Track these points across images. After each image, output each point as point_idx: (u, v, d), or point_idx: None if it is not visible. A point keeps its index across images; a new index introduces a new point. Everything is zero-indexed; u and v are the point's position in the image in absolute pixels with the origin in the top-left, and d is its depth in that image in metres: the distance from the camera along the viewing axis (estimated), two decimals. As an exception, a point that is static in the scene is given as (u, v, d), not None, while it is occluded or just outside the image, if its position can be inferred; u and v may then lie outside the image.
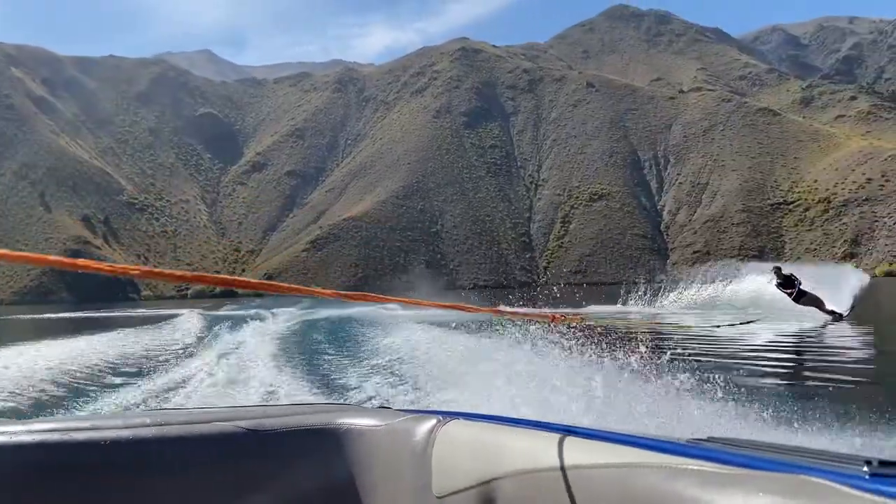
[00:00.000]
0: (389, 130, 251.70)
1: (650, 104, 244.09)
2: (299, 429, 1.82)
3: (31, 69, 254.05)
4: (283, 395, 8.89)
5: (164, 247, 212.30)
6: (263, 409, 2.04)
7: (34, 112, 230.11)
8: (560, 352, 6.49)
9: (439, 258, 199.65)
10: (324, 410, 1.99)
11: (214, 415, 1.88)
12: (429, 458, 1.60)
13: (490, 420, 1.59)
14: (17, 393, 9.31)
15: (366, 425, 1.83)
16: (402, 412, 1.89)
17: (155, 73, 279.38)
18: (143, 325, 25.13)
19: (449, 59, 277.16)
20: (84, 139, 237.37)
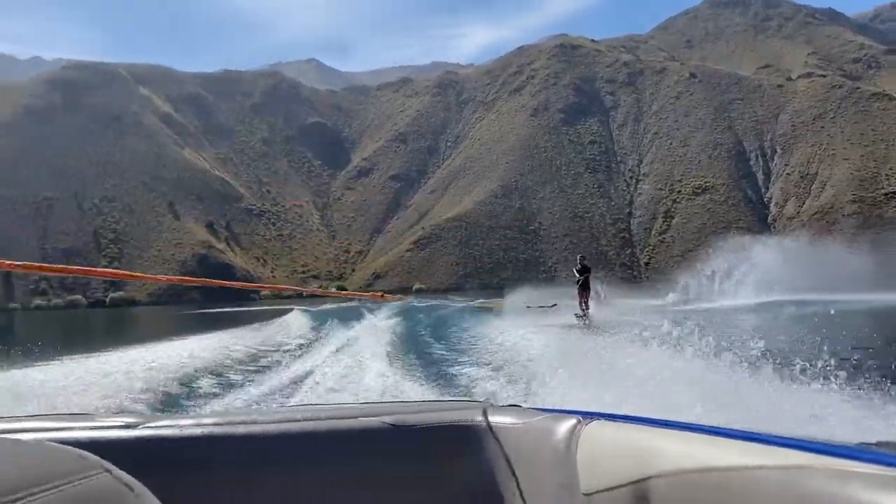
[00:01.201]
0: (488, 131, 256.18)
1: (756, 93, 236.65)
2: (440, 425, 1.87)
3: (157, 87, 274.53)
4: (401, 391, 9.40)
5: (280, 249, 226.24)
6: (405, 404, 2.10)
7: (161, 127, 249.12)
8: (660, 346, 6.55)
9: (538, 256, 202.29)
10: (462, 407, 2.03)
11: (360, 410, 1.96)
12: (573, 456, 1.61)
13: (635, 421, 1.60)
14: (171, 386, 10.35)
15: (505, 423, 1.87)
16: (539, 411, 1.92)
17: (268, 86, 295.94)
18: (260, 322, 27.53)
19: (546, 56, 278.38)
20: (206, 151, 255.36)
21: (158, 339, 18.92)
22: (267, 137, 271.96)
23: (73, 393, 8.90)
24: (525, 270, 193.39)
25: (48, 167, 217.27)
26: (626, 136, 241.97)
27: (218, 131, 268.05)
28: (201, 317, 39.92)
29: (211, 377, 11.69)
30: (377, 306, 41.84)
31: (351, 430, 1.82)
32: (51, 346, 14.91)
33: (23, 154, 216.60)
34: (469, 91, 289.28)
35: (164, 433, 1.74)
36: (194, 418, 1.88)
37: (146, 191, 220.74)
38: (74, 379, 10.20)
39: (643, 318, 17.74)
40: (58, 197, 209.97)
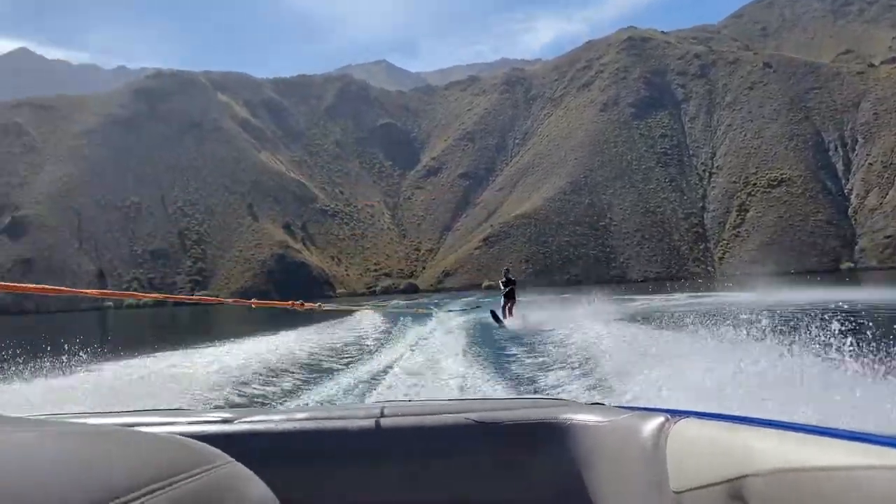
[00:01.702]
0: (556, 127, 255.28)
1: (835, 81, 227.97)
2: (524, 422, 1.89)
3: (235, 93, 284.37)
4: (478, 388, 9.44)
5: (353, 248, 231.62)
6: (488, 401, 2.17)
7: (238, 132, 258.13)
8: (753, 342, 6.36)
9: (608, 252, 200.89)
10: (545, 405, 2.04)
11: (444, 407, 2.02)
12: (662, 454, 1.61)
13: (729, 419, 1.57)
14: (255, 382, 10.57)
15: (589, 421, 1.87)
16: (624, 409, 1.93)
17: (339, 89, 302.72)
18: (334, 319, 28.16)
19: (615, 50, 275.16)
20: (281, 154, 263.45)
21: (240, 337, 19.65)
22: (339, 139, 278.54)
23: (167, 388, 9.25)
24: (595, 267, 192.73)
25: (134, 173, 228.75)
26: (699, 128, 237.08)
27: (293, 134, 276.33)
28: (276, 315, 41.41)
29: (292, 373, 11.92)
30: (446, 304, 43.64)
31: (436, 426, 1.85)
32: (144, 343, 16.48)
33: (111, 161, 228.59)
34: (537, 87, 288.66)
35: (257, 427, 1.80)
36: (285, 413, 1.94)
37: (226, 193, 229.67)
38: (168, 375, 10.63)
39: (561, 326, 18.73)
40: (144, 201, 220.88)
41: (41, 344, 12.11)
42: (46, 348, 11.10)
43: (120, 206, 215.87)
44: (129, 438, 0.82)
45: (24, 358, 10.47)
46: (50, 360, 10.83)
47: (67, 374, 10.51)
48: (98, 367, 11.89)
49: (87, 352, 12.56)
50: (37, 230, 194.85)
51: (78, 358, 11.75)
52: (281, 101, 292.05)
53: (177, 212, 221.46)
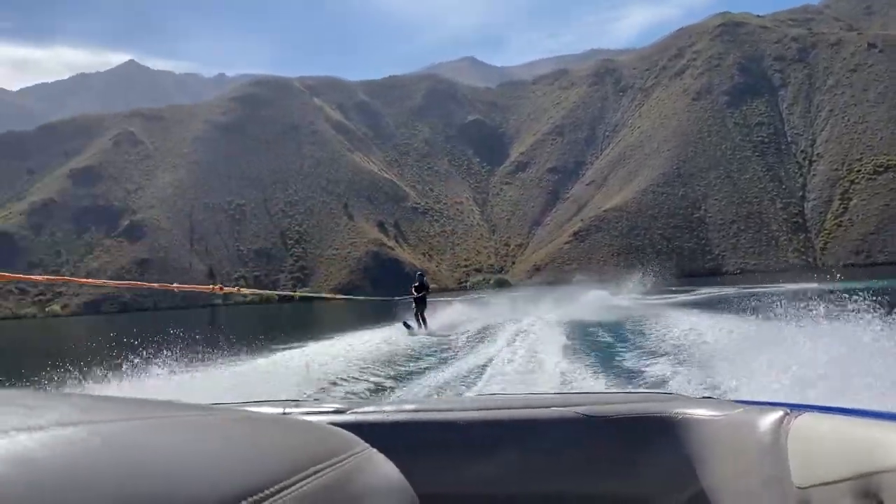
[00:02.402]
0: (648, 118, 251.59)
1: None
2: (633, 416, 1.88)
3: (328, 97, 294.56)
4: (580, 381, 9.38)
5: (443, 245, 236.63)
6: (596, 395, 2.18)
7: (333, 134, 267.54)
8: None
9: (703, 244, 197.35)
10: (655, 399, 2.03)
11: (553, 400, 2.01)
12: (782, 449, 1.58)
13: (855, 413, 1.53)
14: (358, 374, 10.92)
15: (702, 415, 1.86)
16: (737, 403, 1.90)
17: (427, 88, 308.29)
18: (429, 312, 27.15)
19: (708, 37, 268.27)
20: (373, 154, 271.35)
21: (342, 331, 20.31)
22: (428, 138, 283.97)
23: (280, 381, 9.55)
24: (690, 260, 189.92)
25: (239, 176, 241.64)
26: (798, 115, 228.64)
27: (384, 135, 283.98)
28: (377, 310, 40.84)
29: (392, 365, 12.33)
30: (539, 298, 43.80)
31: (544, 419, 1.87)
32: (255, 338, 17.38)
33: (217, 166, 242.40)
34: (627, 78, 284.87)
35: (371, 419, 1.86)
36: (395, 404, 2.01)
37: (323, 194, 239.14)
38: (280, 367, 11.12)
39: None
40: (249, 203, 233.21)
41: (160, 339, 12.56)
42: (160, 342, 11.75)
43: (226, 208, 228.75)
44: (285, 425, 0.89)
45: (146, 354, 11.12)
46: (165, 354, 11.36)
47: (178, 372, 10.93)
48: (223, 361, 12.47)
49: (231, 344, 13.78)
50: (152, 232, 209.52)
51: (205, 352, 12.49)
52: (372, 102, 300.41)
53: (278, 213, 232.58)
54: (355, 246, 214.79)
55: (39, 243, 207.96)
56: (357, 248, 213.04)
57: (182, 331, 14.33)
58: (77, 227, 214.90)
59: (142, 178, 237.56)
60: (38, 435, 0.52)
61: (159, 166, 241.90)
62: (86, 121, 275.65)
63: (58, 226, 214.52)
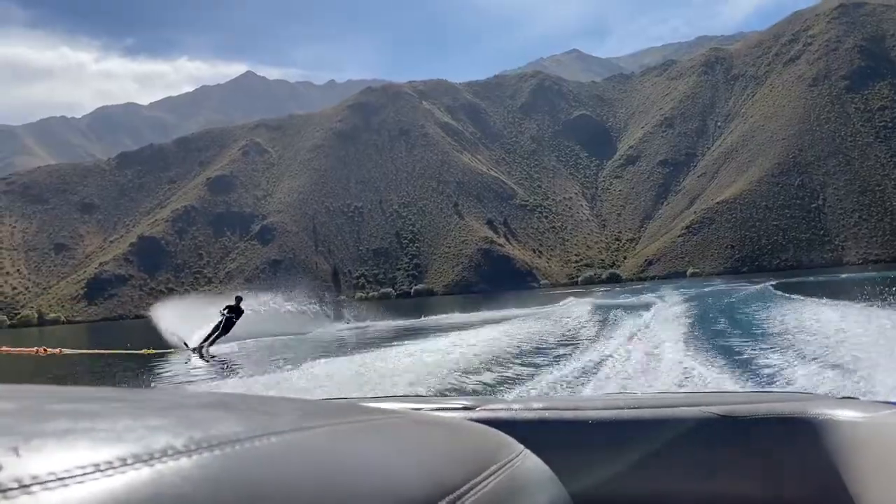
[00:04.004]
0: (761, 107, 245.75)
1: None
2: (771, 416, 1.80)
3: (437, 100, 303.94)
4: (703, 380, 9.21)
5: (553, 241, 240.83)
6: (729, 394, 2.15)
7: (442, 136, 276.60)
8: None
9: (822, 234, 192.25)
10: (790, 399, 1.93)
11: (682, 399, 1.96)
12: None
13: None
14: (478, 371, 11.03)
15: (846, 416, 1.74)
16: (883, 404, 1.80)
17: (533, 85, 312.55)
18: (543, 310, 28.23)
19: (825, 19, 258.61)
20: (481, 154, 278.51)
21: (460, 328, 20.35)
22: (535, 135, 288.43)
23: (400, 376, 9.68)
24: (808, 251, 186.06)
25: (356, 180, 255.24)
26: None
27: (491, 134, 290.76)
28: (483, 303, 43.28)
29: (511, 363, 12.20)
30: (663, 291, 41.92)
31: (676, 418, 1.83)
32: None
33: (336, 171, 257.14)
34: (738, 66, 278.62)
35: (499, 416, 1.86)
36: (522, 402, 2.00)
37: (435, 194, 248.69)
38: (403, 362, 11.31)
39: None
40: (366, 205, 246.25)
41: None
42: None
43: (345, 210, 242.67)
44: (461, 429, 0.89)
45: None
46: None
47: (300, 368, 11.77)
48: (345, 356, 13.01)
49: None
50: (281, 235, 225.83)
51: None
52: (478, 103, 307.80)
53: (393, 213, 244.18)
54: (466, 244, 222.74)
55: (183, 247, 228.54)
56: (468, 246, 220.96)
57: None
58: (215, 232, 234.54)
59: (269, 184, 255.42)
60: (279, 438, 0.56)
61: (284, 173, 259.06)
62: (216, 133, 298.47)
63: (199, 230, 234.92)
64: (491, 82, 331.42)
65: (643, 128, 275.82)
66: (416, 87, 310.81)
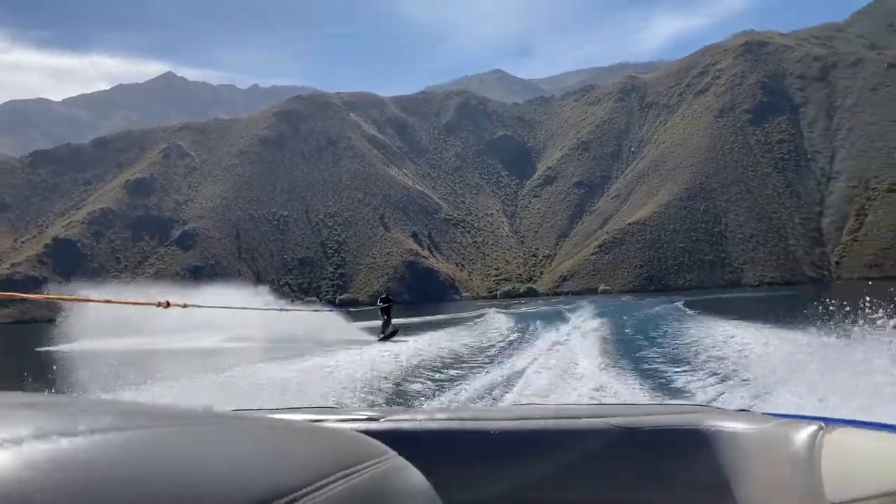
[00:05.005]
0: (672, 134, 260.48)
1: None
2: (668, 428, 1.87)
3: (364, 112, 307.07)
4: (614, 393, 9.46)
5: (475, 255, 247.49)
6: (629, 406, 2.17)
7: (369, 148, 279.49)
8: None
9: (723, 257, 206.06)
10: (689, 411, 2.03)
11: (586, 411, 2.03)
12: (816, 464, 1.57)
13: (890, 429, 1.57)
14: (394, 383, 11.12)
15: (737, 428, 1.85)
16: (772, 416, 1.90)
17: (458, 104, 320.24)
18: (462, 322, 29.06)
19: (732, 55, 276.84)
20: (407, 168, 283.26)
21: (377, 339, 20.16)
22: (460, 152, 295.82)
23: (313, 388, 9.75)
24: (710, 272, 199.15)
25: (281, 188, 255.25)
26: (818, 133, 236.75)
27: (417, 149, 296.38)
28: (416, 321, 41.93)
29: (426, 375, 11.99)
30: (577, 307, 43.36)
31: (577, 430, 1.86)
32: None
33: (260, 178, 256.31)
34: (652, 95, 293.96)
35: (403, 426, 1.89)
36: (427, 413, 2.05)
37: (361, 206, 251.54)
38: (315, 375, 11.13)
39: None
40: (291, 214, 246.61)
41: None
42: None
43: (270, 218, 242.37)
44: (306, 431, 0.90)
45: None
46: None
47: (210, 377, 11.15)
48: (251, 367, 12.73)
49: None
50: (203, 242, 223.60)
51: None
52: (405, 118, 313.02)
53: (319, 223, 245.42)
54: (392, 255, 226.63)
55: (99, 250, 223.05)
56: (393, 258, 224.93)
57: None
58: (133, 236, 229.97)
59: (190, 189, 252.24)
60: (74, 440, 0.55)
61: (207, 178, 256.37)
62: (137, 134, 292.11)
63: (116, 234, 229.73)
64: (418, 98, 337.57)
65: (561, 150, 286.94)
66: (343, 99, 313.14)
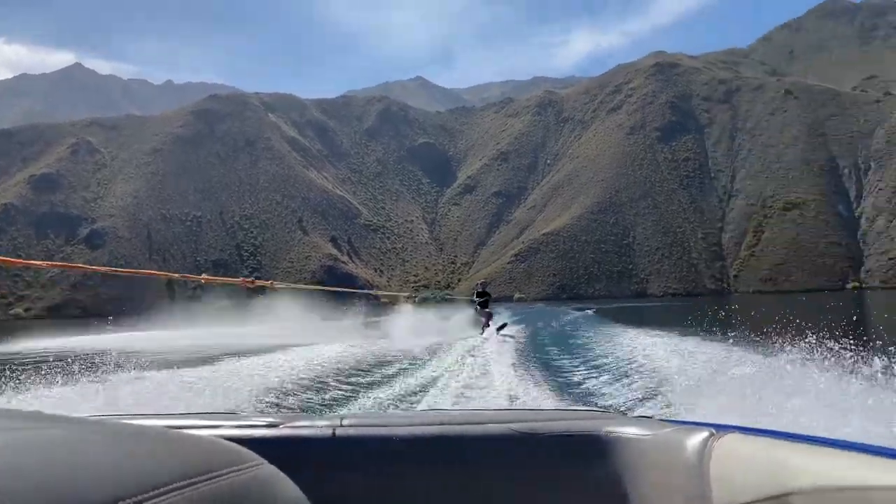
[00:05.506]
0: (586, 149, 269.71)
1: (852, 108, 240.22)
2: (568, 434, 1.89)
3: (284, 114, 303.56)
4: (526, 398, 9.44)
5: (394, 261, 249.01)
6: (533, 412, 2.26)
7: (288, 150, 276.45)
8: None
9: (631, 268, 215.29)
10: (589, 417, 2.05)
11: (489, 417, 2.05)
12: (705, 469, 1.62)
13: (773, 435, 1.59)
14: (303, 389, 10.80)
15: (633, 434, 1.88)
16: (668, 422, 1.93)
17: (380, 109, 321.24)
18: (380, 329, 28.45)
19: (644, 75, 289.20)
20: (327, 171, 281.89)
21: (291, 344, 19.86)
22: (381, 158, 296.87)
23: (216, 393, 9.47)
24: (618, 282, 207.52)
25: (195, 188, 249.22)
26: (721, 153, 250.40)
27: (338, 153, 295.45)
28: (330, 324, 39.27)
29: (338, 381, 11.96)
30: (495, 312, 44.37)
31: (480, 436, 1.89)
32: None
33: (174, 177, 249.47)
34: (568, 110, 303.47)
35: (303, 433, 1.88)
36: (330, 420, 2.01)
37: (279, 208, 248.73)
38: (219, 380, 10.79)
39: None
40: (206, 215, 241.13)
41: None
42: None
43: (184, 219, 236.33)
44: (157, 437, 0.86)
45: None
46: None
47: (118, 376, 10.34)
48: (154, 370, 12.10)
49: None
50: (112, 241, 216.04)
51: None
52: (326, 121, 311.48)
53: (234, 226, 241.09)
54: (310, 259, 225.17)
55: (1, 248, 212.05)
56: (312, 262, 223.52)
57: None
58: (37, 233, 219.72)
59: (100, 187, 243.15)
60: None
61: (118, 176, 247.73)
62: (43, 127, 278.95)
63: (19, 231, 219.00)
64: (339, 101, 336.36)
65: (481, 160, 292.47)
66: (262, 99, 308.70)
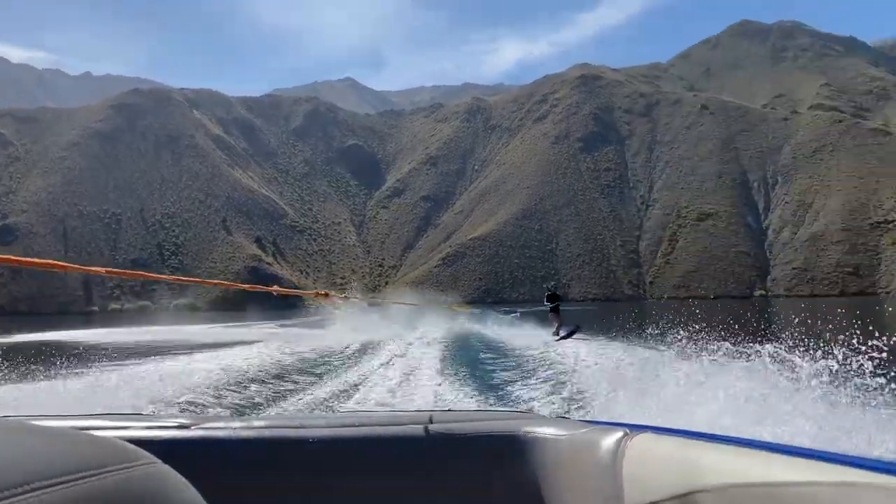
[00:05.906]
0: (512, 157, 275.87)
1: (762, 125, 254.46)
2: (486, 435, 1.91)
3: (208, 111, 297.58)
4: (451, 400, 9.63)
5: (320, 263, 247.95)
6: (452, 413, 2.18)
7: (213, 148, 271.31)
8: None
9: (553, 273, 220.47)
10: (508, 417, 2.07)
11: (410, 417, 2.04)
12: (618, 469, 1.63)
13: (684, 434, 1.61)
14: (225, 391, 10.67)
15: (549, 434, 1.88)
16: (584, 423, 1.93)
17: (308, 110, 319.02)
18: (309, 329, 28.62)
19: (569, 86, 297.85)
20: (253, 171, 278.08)
21: (214, 346, 19.59)
22: (308, 158, 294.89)
23: (132, 395, 9.38)
24: (541, 287, 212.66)
25: (115, 185, 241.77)
26: (640, 164, 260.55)
27: (264, 152, 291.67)
28: (254, 325, 42.99)
29: (263, 383, 11.89)
30: (420, 316, 42.36)
31: (397, 437, 1.89)
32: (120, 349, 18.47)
33: (92, 173, 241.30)
34: (496, 118, 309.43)
35: (216, 435, 1.86)
36: (245, 421, 2.01)
37: (202, 207, 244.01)
38: (135, 381, 10.73)
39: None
40: (125, 212, 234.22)
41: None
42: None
43: (102, 216, 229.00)
44: (40, 434, 0.82)
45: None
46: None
47: (42, 379, 10.95)
48: (75, 372, 12.07)
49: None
50: (25, 237, 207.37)
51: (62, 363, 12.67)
52: (252, 119, 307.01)
53: (155, 224, 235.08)
54: (233, 260, 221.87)
55: None
56: (236, 262, 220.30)
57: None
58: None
59: (12, 181, 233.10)
60: None
61: (32, 170, 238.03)
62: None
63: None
64: (266, 100, 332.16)
65: (410, 163, 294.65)
66: (186, 95, 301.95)
